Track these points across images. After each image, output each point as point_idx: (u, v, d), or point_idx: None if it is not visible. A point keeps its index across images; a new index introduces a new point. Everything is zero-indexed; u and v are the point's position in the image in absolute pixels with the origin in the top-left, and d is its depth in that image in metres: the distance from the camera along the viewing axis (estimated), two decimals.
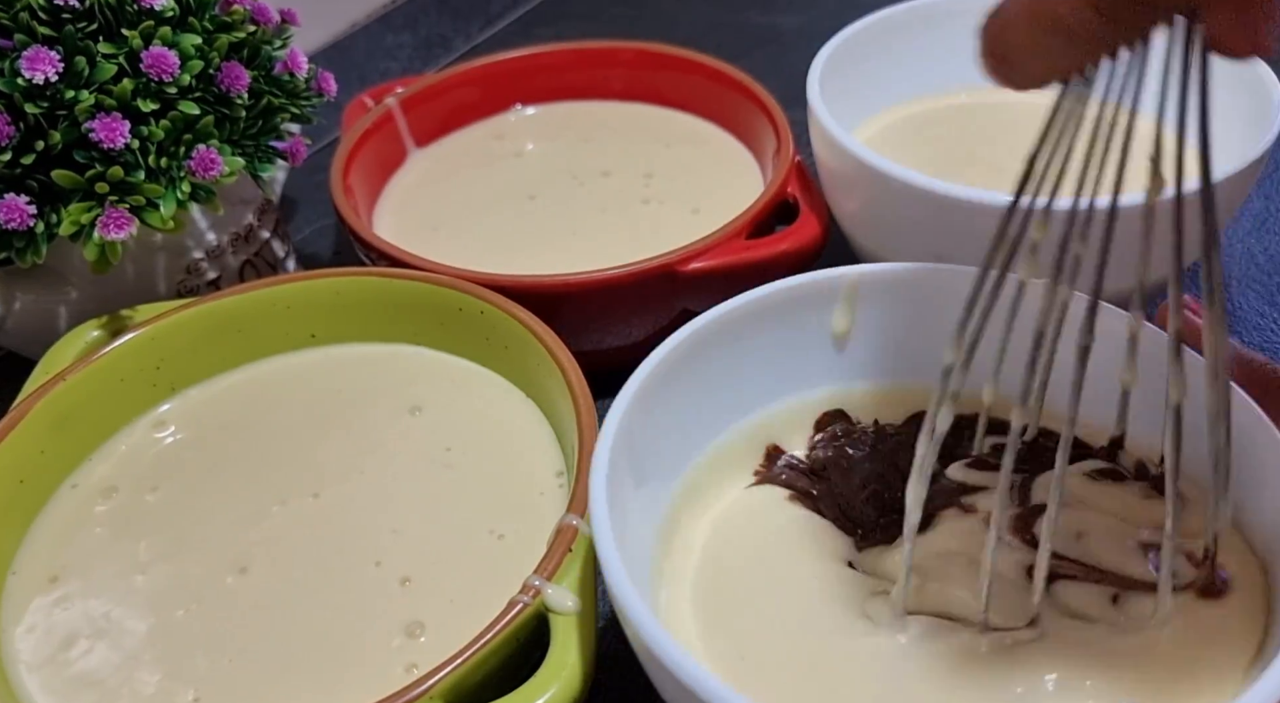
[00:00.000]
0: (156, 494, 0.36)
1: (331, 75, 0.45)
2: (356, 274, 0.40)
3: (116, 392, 0.38)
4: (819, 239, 0.42)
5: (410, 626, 0.31)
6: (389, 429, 0.38)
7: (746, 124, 0.51)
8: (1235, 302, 0.47)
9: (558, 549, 0.29)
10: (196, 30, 0.39)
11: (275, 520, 0.35)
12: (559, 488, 0.35)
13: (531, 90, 0.55)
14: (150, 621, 0.32)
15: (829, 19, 0.51)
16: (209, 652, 0.31)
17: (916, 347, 0.34)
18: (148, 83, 0.37)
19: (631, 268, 0.40)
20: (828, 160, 0.43)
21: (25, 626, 0.32)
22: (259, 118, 0.41)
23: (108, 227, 0.36)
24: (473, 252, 0.45)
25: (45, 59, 0.35)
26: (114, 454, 0.37)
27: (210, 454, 0.37)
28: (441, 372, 0.40)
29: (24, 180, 0.36)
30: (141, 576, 0.33)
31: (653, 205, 0.49)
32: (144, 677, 0.30)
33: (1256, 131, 0.39)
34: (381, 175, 0.51)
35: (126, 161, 0.37)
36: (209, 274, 0.44)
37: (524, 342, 0.37)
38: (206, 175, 0.38)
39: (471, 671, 0.27)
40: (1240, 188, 0.39)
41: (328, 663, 0.31)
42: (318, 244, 0.55)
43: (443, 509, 0.35)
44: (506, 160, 0.53)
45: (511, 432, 0.37)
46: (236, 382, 0.40)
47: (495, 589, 0.30)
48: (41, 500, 0.36)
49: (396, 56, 0.73)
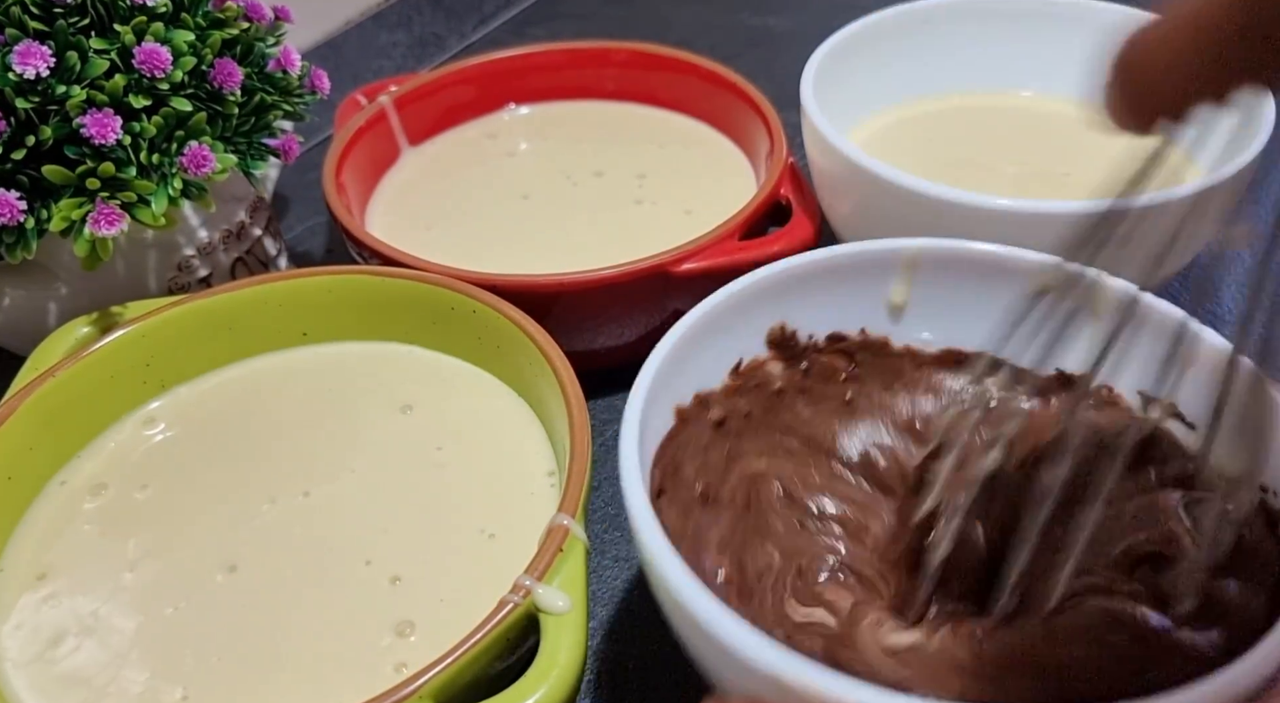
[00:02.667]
0: (146, 492, 0.36)
1: (325, 73, 0.45)
2: (348, 273, 0.40)
3: (106, 389, 0.38)
4: (811, 240, 0.42)
5: (400, 625, 0.31)
6: (380, 428, 0.38)
7: (740, 125, 0.52)
8: (1224, 306, 0.47)
9: (549, 549, 0.29)
10: (189, 26, 0.39)
11: (265, 519, 0.35)
12: (550, 488, 0.35)
13: (525, 90, 0.55)
14: (139, 618, 0.32)
15: (822, 21, 0.51)
16: (197, 650, 0.31)
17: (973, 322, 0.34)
18: (140, 79, 0.37)
19: (624, 268, 0.40)
20: (820, 162, 0.44)
21: (12, 623, 0.32)
22: (251, 115, 0.41)
23: (98, 223, 0.36)
24: (465, 251, 0.45)
25: (37, 54, 0.35)
26: (103, 451, 0.37)
27: (200, 452, 0.37)
28: (433, 371, 0.40)
29: (14, 176, 0.36)
30: (130, 573, 0.33)
31: (646, 206, 0.49)
32: (132, 675, 0.30)
33: (1247, 136, 0.39)
34: (374, 174, 0.51)
35: (118, 158, 0.36)
36: (200, 271, 0.44)
37: (516, 341, 0.37)
38: (198, 172, 0.38)
39: (461, 670, 0.27)
40: (1231, 192, 0.39)
41: (317, 662, 0.30)
42: (310, 242, 0.55)
43: (433, 508, 0.35)
44: (500, 160, 0.53)
45: (503, 431, 0.37)
46: (227, 379, 0.40)
47: (486, 589, 0.30)
48: (30, 497, 0.35)
49: (390, 55, 0.73)
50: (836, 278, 0.34)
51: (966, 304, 0.34)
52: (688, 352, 0.31)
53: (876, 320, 0.35)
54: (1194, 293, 0.48)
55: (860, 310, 0.34)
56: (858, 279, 0.34)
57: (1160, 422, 0.31)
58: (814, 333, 0.34)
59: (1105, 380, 0.32)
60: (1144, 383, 0.31)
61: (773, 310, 0.34)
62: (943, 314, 0.34)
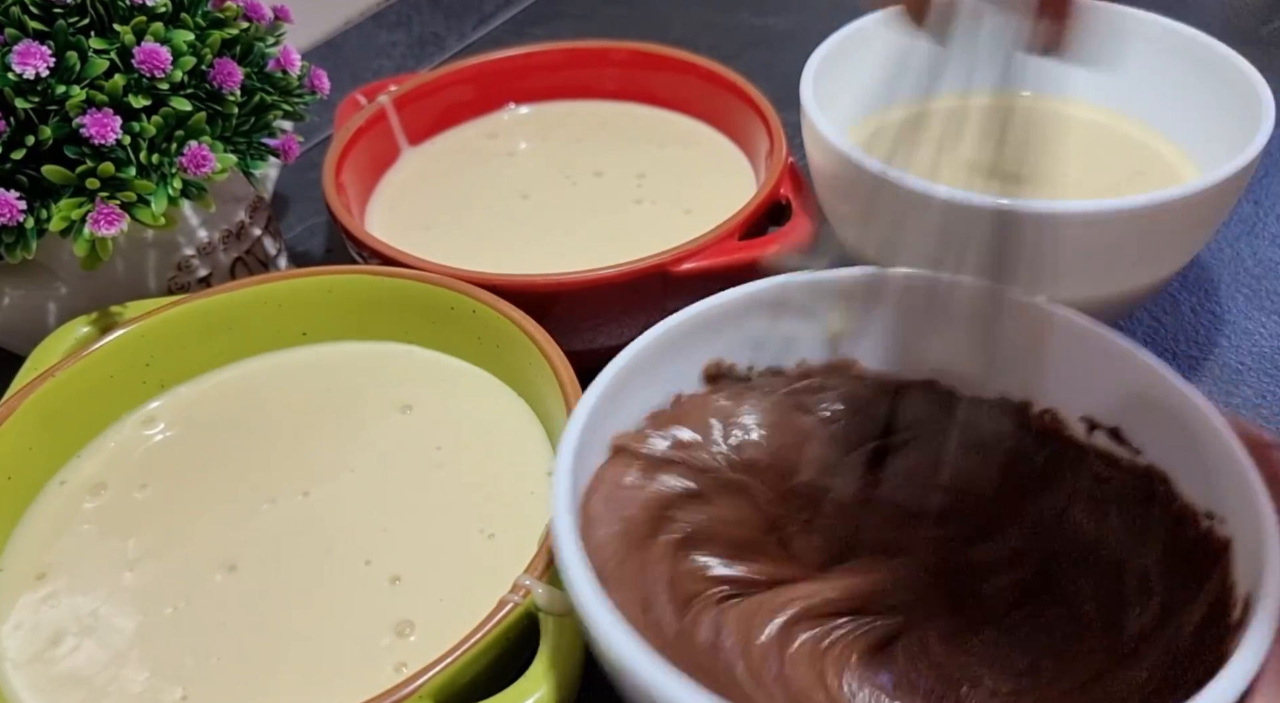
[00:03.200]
0: (145, 492, 0.36)
1: (324, 73, 0.45)
2: (348, 272, 0.40)
3: (105, 388, 0.38)
4: (811, 241, 0.42)
5: (400, 624, 0.31)
6: (380, 428, 0.38)
7: (739, 125, 0.52)
8: (1224, 306, 0.47)
9: (548, 548, 0.29)
10: (189, 26, 0.39)
11: (265, 518, 0.35)
12: (550, 487, 0.35)
13: (525, 89, 0.55)
14: (138, 618, 0.32)
15: (822, 20, 0.51)
16: (197, 650, 0.31)
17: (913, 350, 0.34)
18: (139, 79, 0.37)
19: (624, 268, 0.40)
20: (820, 162, 0.44)
21: (12, 623, 0.32)
22: (251, 115, 0.41)
23: (98, 223, 0.36)
24: (465, 250, 0.45)
25: (36, 54, 0.35)
26: (103, 451, 0.37)
27: (200, 452, 0.37)
28: (433, 370, 0.40)
29: (14, 176, 0.36)
30: (130, 573, 0.33)
31: (645, 205, 0.49)
32: (131, 675, 0.30)
33: (1245, 136, 0.39)
34: (374, 173, 0.51)
35: (118, 157, 0.36)
36: (200, 271, 0.44)
37: (515, 341, 0.37)
38: (198, 172, 0.38)
39: (461, 670, 0.27)
40: (1230, 192, 0.39)
41: (317, 662, 0.30)
42: (309, 242, 0.55)
43: (433, 508, 0.35)
44: (499, 159, 0.53)
45: (502, 431, 0.37)
46: (226, 379, 0.40)
47: (485, 588, 0.30)
48: (29, 497, 0.35)
49: (390, 54, 0.73)
50: (774, 310, 0.33)
51: (905, 330, 0.33)
52: (620, 391, 0.30)
53: (815, 351, 0.34)
54: (1194, 293, 0.48)
55: (800, 342, 0.34)
56: (797, 310, 0.33)
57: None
58: (753, 366, 0.34)
59: (1046, 404, 0.32)
60: (1087, 408, 0.31)
61: (710, 347, 0.33)
62: (882, 342, 0.34)
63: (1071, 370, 0.30)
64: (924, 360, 0.32)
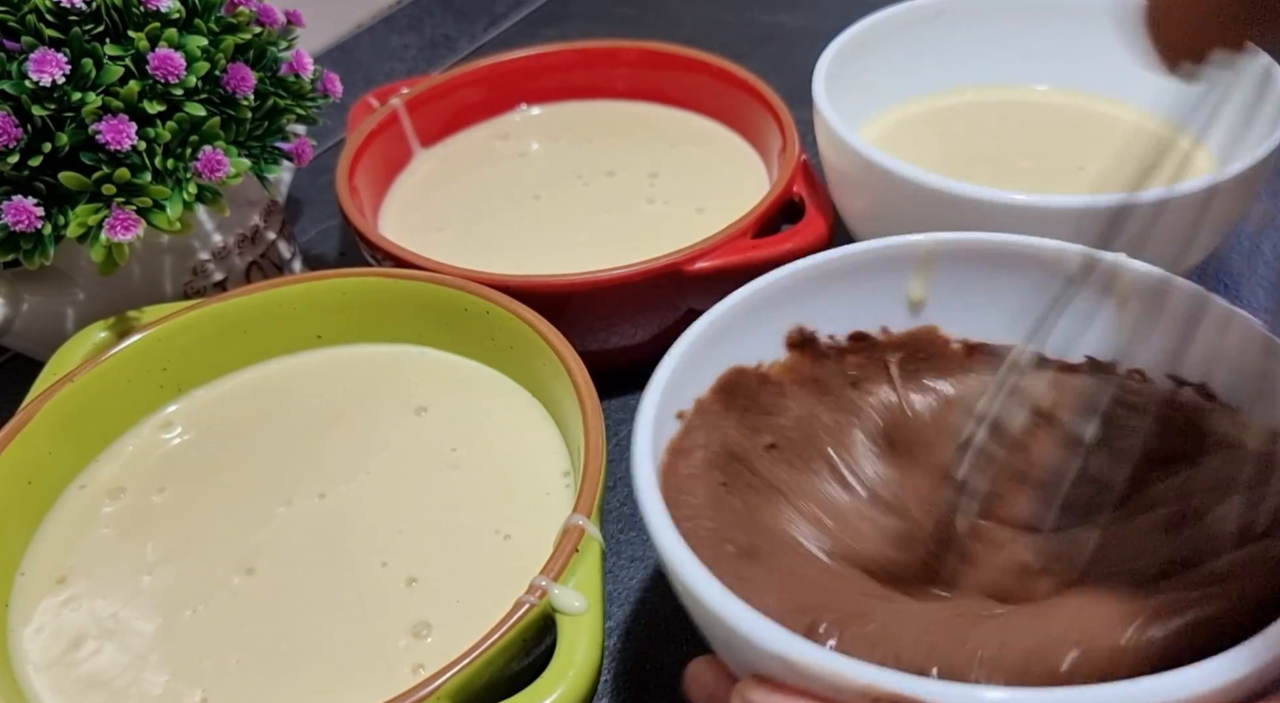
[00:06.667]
0: (164, 495, 0.36)
1: (337, 76, 0.45)
2: (362, 275, 0.40)
3: (123, 393, 0.38)
4: (825, 238, 0.42)
5: (417, 626, 0.31)
6: (395, 430, 0.38)
7: (751, 123, 0.51)
8: (1244, 300, 0.47)
9: (564, 549, 0.29)
10: (202, 32, 0.39)
11: (281, 521, 0.35)
12: (565, 488, 0.35)
13: (536, 90, 0.55)
14: (158, 621, 0.32)
15: (834, 17, 0.51)
16: (216, 652, 0.31)
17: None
18: (154, 85, 0.37)
19: (637, 268, 0.40)
20: (833, 159, 0.43)
21: (34, 626, 0.32)
22: (265, 119, 0.41)
23: (115, 228, 0.36)
24: (478, 252, 0.45)
25: (52, 61, 0.35)
26: (121, 455, 0.38)
27: (217, 455, 0.38)
28: (447, 372, 0.40)
29: (31, 182, 0.36)
30: (149, 576, 0.33)
31: (658, 205, 0.49)
32: (151, 677, 0.30)
33: (1265, 129, 0.39)
34: (387, 176, 0.51)
35: (133, 163, 0.37)
36: (215, 275, 0.44)
37: (529, 342, 0.37)
38: (213, 177, 0.38)
39: (478, 671, 0.27)
40: (1250, 185, 0.38)
41: (334, 663, 0.31)
42: (323, 245, 0.55)
43: (449, 510, 0.35)
44: (511, 160, 0.53)
45: (517, 432, 0.37)
46: (243, 382, 0.40)
47: (502, 590, 0.30)
48: (49, 501, 0.36)
49: (401, 57, 0.73)
50: (854, 276, 0.33)
51: (986, 296, 0.33)
52: (701, 355, 0.31)
53: (897, 317, 0.34)
54: (1210, 285, 0.48)
55: (880, 308, 0.34)
56: (875, 276, 0.34)
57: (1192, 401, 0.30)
58: (835, 333, 0.34)
59: (1134, 365, 0.32)
60: (1172, 365, 0.31)
61: (790, 312, 0.33)
62: (963, 307, 0.34)
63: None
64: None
